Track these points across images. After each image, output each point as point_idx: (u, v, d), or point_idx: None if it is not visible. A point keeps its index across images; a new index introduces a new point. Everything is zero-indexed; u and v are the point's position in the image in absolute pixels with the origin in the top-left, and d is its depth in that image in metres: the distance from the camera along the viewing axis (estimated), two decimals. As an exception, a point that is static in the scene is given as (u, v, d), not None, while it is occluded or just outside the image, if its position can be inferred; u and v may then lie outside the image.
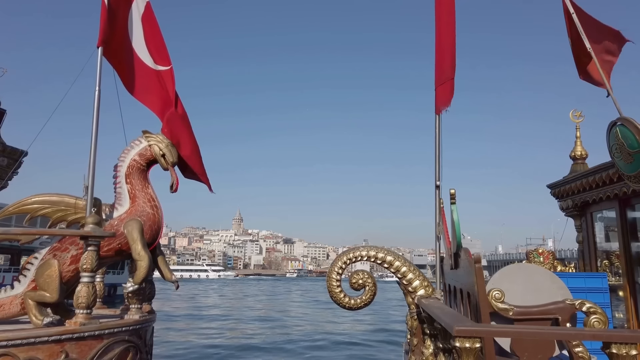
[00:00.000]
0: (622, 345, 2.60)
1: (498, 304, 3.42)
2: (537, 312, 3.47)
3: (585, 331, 3.01)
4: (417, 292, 4.49)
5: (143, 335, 5.90)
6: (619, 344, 2.60)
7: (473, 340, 2.55)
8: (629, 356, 2.59)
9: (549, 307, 3.48)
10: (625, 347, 2.60)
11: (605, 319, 3.34)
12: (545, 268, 6.71)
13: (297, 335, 25.78)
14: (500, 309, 3.42)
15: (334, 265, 4.69)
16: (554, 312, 3.46)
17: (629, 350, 2.60)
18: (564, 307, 3.44)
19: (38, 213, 5.73)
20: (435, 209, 4.90)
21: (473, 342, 2.56)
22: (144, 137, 6.25)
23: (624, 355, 2.60)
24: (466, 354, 2.56)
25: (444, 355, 3.31)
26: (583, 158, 8.30)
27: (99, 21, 5.96)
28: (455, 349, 2.61)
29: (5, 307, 5.55)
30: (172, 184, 6.31)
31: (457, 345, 2.56)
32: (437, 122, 5.15)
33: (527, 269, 4.03)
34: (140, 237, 5.79)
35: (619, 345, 2.60)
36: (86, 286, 5.14)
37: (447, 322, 2.72)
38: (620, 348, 2.60)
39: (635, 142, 4.23)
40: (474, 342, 2.56)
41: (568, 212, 8.07)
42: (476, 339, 2.56)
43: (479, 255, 3.25)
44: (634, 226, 6.49)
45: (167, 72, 6.59)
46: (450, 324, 2.64)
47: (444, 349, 3.29)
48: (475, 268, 3.19)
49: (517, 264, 4.33)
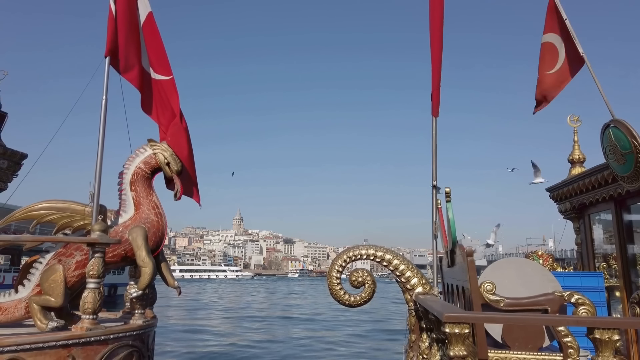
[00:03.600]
0: (605, 330, 2.71)
1: (489, 296, 3.52)
2: (528, 303, 3.57)
3: (569, 318, 3.12)
4: (415, 290, 4.57)
5: (146, 339, 5.99)
6: (602, 329, 2.71)
7: (462, 326, 2.66)
8: (611, 341, 2.70)
9: (538, 299, 3.58)
10: (608, 332, 2.72)
11: (594, 310, 3.44)
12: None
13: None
14: (491, 301, 3.51)
15: (334, 264, 4.80)
16: (544, 303, 3.55)
17: (611, 335, 2.71)
18: (553, 298, 3.54)
19: (44, 219, 5.85)
20: (432, 208, 5.02)
21: (462, 328, 2.66)
22: (149, 145, 6.38)
23: (607, 340, 2.71)
24: (455, 339, 2.67)
25: (437, 345, 3.40)
26: (581, 161, 8.42)
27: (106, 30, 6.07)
28: (446, 335, 2.72)
29: (10, 311, 5.65)
30: (175, 192, 6.43)
31: (447, 330, 2.67)
32: (433, 124, 5.30)
33: (518, 262, 4.14)
34: (144, 243, 5.89)
35: (602, 330, 2.71)
36: (92, 292, 5.22)
37: (438, 310, 2.83)
38: (603, 333, 2.72)
39: (628, 143, 4.35)
40: (463, 327, 2.66)
41: (567, 215, 8.16)
42: (465, 324, 2.67)
43: (470, 248, 3.37)
44: (630, 227, 6.57)
45: (168, 82, 6.66)
46: (441, 311, 2.75)
47: (437, 340, 3.38)
48: (467, 261, 3.31)
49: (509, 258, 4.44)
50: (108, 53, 6.11)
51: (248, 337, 25.12)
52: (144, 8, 6.63)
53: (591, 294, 5.95)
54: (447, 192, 4.32)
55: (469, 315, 2.75)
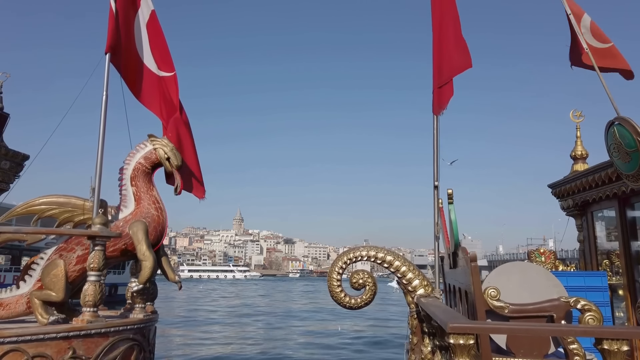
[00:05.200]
0: (614, 341, 2.66)
1: (494, 302, 3.48)
2: (533, 309, 3.53)
3: (577, 327, 3.07)
4: (416, 292, 4.55)
5: (146, 334, 6.00)
6: (611, 340, 2.66)
7: (467, 337, 2.62)
8: (620, 352, 2.65)
9: (544, 305, 3.54)
10: (617, 343, 2.66)
11: (600, 316, 3.40)
12: (546, 268, 6.77)
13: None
14: (495, 307, 3.48)
15: (334, 265, 4.76)
16: (549, 309, 3.51)
17: (620, 346, 2.66)
18: (559, 304, 3.50)
19: (45, 214, 5.84)
20: (433, 209, 4.97)
21: (467, 339, 2.62)
22: (149, 140, 6.38)
23: (616, 351, 2.65)
24: (460, 350, 2.63)
25: (441, 352, 3.37)
26: (584, 158, 8.33)
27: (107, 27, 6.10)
28: (450, 345, 2.68)
29: (12, 306, 5.65)
30: (176, 187, 6.43)
31: (451, 341, 2.63)
32: (434, 124, 5.22)
33: (523, 267, 4.09)
34: (145, 238, 5.89)
35: (611, 341, 2.66)
36: (93, 285, 5.26)
37: (442, 319, 2.79)
38: (612, 344, 2.66)
39: (633, 141, 4.28)
40: (468, 338, 2.62)
41: (569, 212, 8.10)
42: (470, 335, 2.63)
43: (474, 253, 3.32)
44: (634, 225, 6.52)
45: (170, 79, 6.73)
46: (445, 320, 2.70)
47: (440, 347, 3.35)
48: (471, 266, 3.26)
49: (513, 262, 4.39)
50: (108, 50, 6.12)
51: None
52: (147, 6, 6.69)
53: (595, 293, 5.94)
54: (449, 194, 4.26)
55: (474, 325, 2.71)
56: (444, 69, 5.20)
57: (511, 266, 4.09)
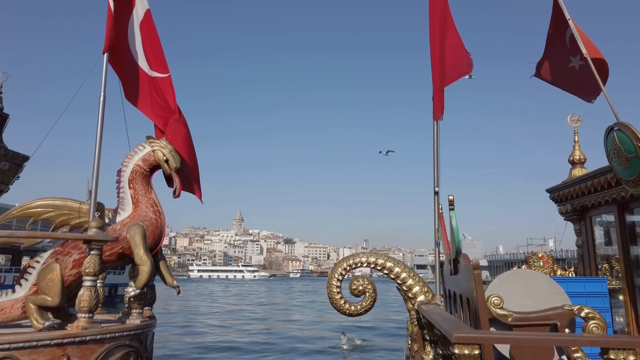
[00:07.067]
0: (620, 351, 2.62)
1: (497, 310, 3.45)
2: (536, 318, 3.50)
3: (583, 337, 3.04)
4: (417, 298, 4.51)
5: (144, 340, 5.92)
6: (617, 350, 2.62)
7: (472, 347, 2.58)
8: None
9: (547, 313, 3.51)
10: (623, 353, 2.62)
11: (604, 324, 3.37)
12: (544, 273, 6.74)
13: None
14: (499, 315, 3.45)
15: (333, 272, 4.72)
16: (553, 317, 3.48)
17: (626, 356, 2.62)
18: (563, 312, 3.47)
19: (41, 217, 5.77)
20: (434, 215, 4.93)
21: (472, 349, 2.58)
22: (148, 142, 6.29)
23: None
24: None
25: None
26: (582, 162, 8.32)
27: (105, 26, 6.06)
28: (455, 355, 2.64)
29: (6, 311, 5.58)
30: (174, 190, 6.35)
31: (456, 352, 2.59)
32: (435, 128, 5.18)
33: (526, 274, 4.06)
34: (142, 241, 5.81)
35: (617, 351, 2.63)
36: (89, 290, 5.15)
37: (446, 328, 2.75)
38: (618, 354, 2.63)
39: (633, 147, 4.26)
40: (473, 348, 2.58)
41: (567, 217, 8.09)
42: (475, 345, 2.59)
43: (477, 261, 3.28)
44: (633, 230, 6.52)
45: (164, 80, 6.60)
46: (450, 330, 2.66)
47: (443, 355, 3.31)
48: (474, 274, 3.22)
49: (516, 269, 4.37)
50: (106, 49, 6.06)
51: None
52: (142, 6, 6.59)
53: (595, 299, 5.92)
54: (450, 200, 4.23)
55: (479, 335, 2.67)
56: (446, 72, 5.17)
57: (514, 274, 4.06)
